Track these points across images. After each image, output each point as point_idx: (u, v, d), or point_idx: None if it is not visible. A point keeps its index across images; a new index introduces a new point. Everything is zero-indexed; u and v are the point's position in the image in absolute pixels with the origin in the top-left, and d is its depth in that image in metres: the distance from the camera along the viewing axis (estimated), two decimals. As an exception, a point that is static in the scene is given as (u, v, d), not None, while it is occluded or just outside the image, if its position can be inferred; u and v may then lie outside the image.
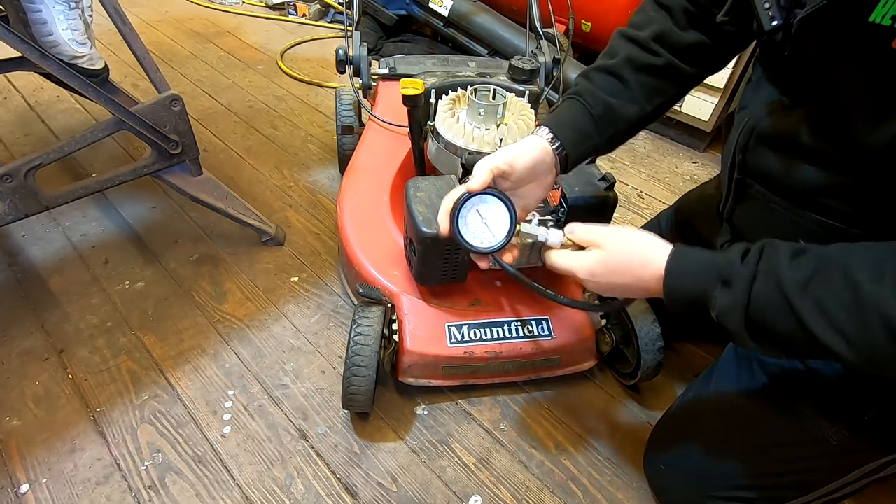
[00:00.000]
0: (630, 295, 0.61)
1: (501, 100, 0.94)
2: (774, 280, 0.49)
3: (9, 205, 0.89)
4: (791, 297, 0.48)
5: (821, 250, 0.49)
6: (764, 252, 0.52)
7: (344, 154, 1.34)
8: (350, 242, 0.98)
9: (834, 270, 0.47)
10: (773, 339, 0.51)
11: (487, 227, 0.64)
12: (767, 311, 0.49)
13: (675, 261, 0.56)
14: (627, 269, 0.58)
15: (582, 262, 0.60)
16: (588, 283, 0.60)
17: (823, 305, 0.46)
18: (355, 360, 0.80)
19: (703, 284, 0.53)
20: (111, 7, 0.88)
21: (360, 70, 1.18)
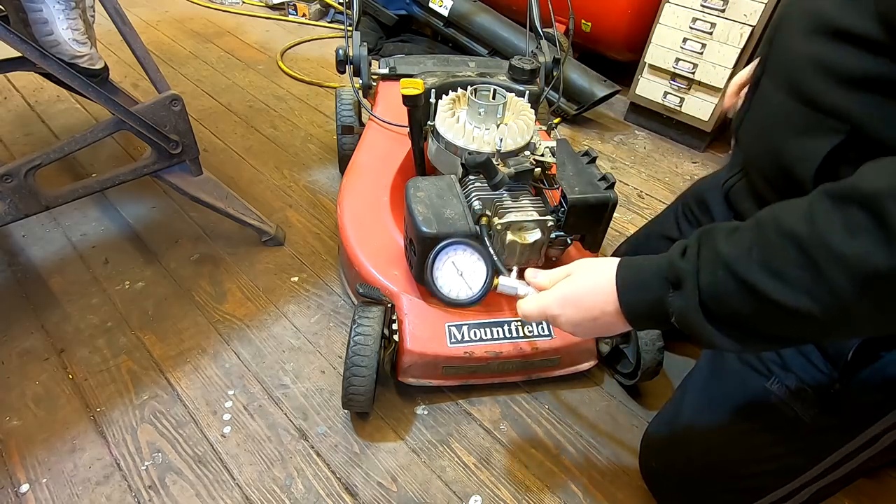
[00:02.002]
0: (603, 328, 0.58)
1: (501, 100, 0.95)
2: (719, 263, 0.48)
3: (9, 205, 0.89)
4: (740, 272, 0.46)
5: (752, 220, 0.48)
6: (701, 241, 0.51)
7: (344, 154, 1.34)
8: (350, 242, 0.98)
9: (769, 232, 0.46)
10: (742, 327, 0.48)
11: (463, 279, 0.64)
12: (723, 297, 0.48)
13: (622, 274, 0.55)
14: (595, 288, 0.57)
15: (552, 295, 0.60)
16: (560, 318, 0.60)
17: (774, 269, 0.44)
18: (355, 360, 0.80)
19: (654, 293, 0.53)
20: (111, 7, 0.88)
21: (360, 70, 1.18)
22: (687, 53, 1.61)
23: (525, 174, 0.88)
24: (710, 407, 0.76)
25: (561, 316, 0.59)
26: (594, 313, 0.57)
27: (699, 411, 0.77)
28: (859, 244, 0.40)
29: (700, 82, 1.63)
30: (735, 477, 0.72)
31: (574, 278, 0.60)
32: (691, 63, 1.62)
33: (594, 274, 0.58)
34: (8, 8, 1.13)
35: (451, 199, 0.84)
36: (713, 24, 1.53)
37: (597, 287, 0.57)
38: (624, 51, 1.92)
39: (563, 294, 0.59)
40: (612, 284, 0.55)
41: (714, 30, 1.54)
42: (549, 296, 0.61)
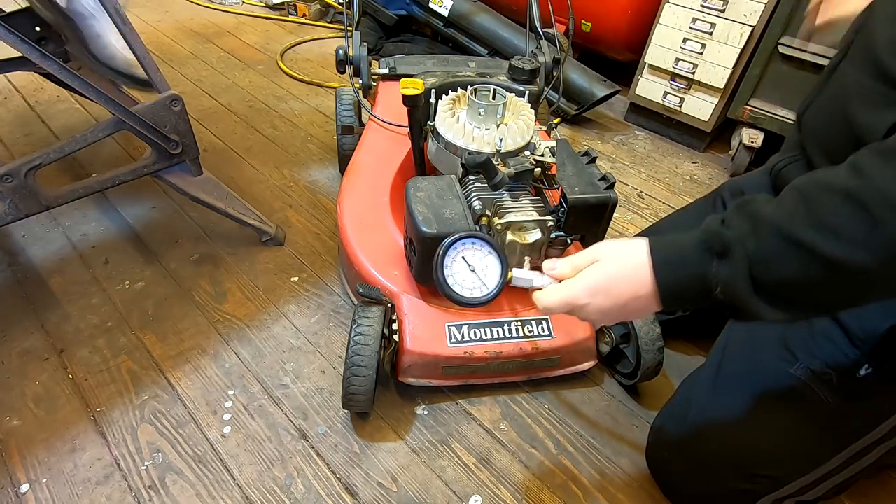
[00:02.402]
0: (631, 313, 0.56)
1: (501, 100, 0.95)
2: (767, 227, 0.47)
3: (9, 205, 0.89)
4: (790, 233, 0.46)
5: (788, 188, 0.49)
6: (740, 210, 0.50)
7: (344, 154, 1.34)
8: (350, 242, 0.98)
9: (814, 192, 0.46)
10: (788, 291, 0.48)
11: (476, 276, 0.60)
12: (772, 260, 0.47)
13: (657, 253, 0.53)
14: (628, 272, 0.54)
15: (579, 284, 0.57)
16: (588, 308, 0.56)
17: (825, 224, 0.44)
18: (355, 359, 0.80)
19: (695, 267, 0.51)
20: (111, 7, 0.88)
21: (360, 70, 1.18)
22: (687, 53, 1.61)
23: (525, 174, 0.88)
24: (727, 393, 0.75)
25: (589, 305, 0.56)
26: (626, 298, 0.54)
27: (714, 399, 0.76)
28: None
29: (700, 82, 1.63)
30: (752, 465, 0.72)
31: (603, 265, 0.56)
32: (691, 63, 1.62)
33: (625, 257, 0.55)
34: (64, 28, 1.16)
35: (451, 199, 0.84)
36: (713, 24, 1.53)
37: (629, 271, 0.54)
38: (624, 51, 1.92)
39: (594, 282, 0.56)
40: (645, 266, 0.53)
41: (714, 30, 1.54)
42: (576, 285, 0.57)
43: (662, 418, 0.83)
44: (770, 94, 1.56)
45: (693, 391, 0.81)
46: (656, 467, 0.84)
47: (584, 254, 0.58)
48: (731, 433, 0.73)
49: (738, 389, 0.75)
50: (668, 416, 0.83)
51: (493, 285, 0.59)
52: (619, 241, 0.57)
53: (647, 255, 0.53)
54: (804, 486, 0.71)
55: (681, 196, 1.57)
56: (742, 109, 1.59)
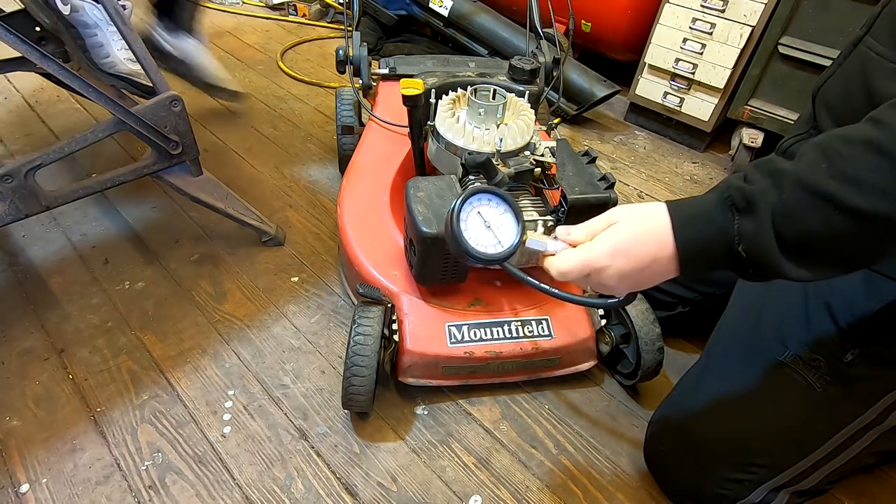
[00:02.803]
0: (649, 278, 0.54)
1: (501, 100, 0.94)
2: (790, 180, 0.47)
3: (9, 205, 0.89)
4: (813, 185, 0.45)
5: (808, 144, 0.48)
6: (759, 167, 0.50)
7: (344, 154, 1.34)
8: (350, 242, 0.98)
9: (836, 145, 0.46)
10: (812, 245, 0.47)
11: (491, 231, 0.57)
12: (797, 214, 0.46)
13: (677, 212, 0.52)
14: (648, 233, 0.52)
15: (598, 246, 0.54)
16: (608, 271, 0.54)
17: (850, 176, 0.44)
18: (355, 360, 0.80)
19: (717, 224, 0.50)
20: (111, 7, 0.88)
21: (360, 70, 1.18)
22: (687, 53, 1.61)
23: (525, 174, 0.88)
24: (720, 384, 0.76)
25: (609, 268, 0.53)
26: (646, 261, 0.53)
27: (707, 389, 0.77)
28: None
29: (700, 82, 1.63)
30: (746, 453, 0.72)
31: (622, 226, 0.54)
32: (691, 63, 1.62)
33: (644, 218, 0.53)
34: (66, 38, 1.19)
35: (451, 198, 0.84)
36: (713, 24, 1.53)
37: (650, 231, 0.52)
38: (624, 51, 1.92)
39: (613, 243, 0.54)
40: (666, 226, 0.52)
41: (714, 30, 1.54)
42: (595, 247, 0.54)
43: (659, 413, 0.84)
44: (770, 94, 1.56)
45: (688, 384, 0.82)
46: (653, 461, 0.84)
47: (600, 218, 0.56)
48: (724, 423, 0.74)
49: (730, 380, 0.76)
50: (665, 409, 0.83)
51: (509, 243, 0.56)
52: (635, 205, 0.56)
53: (667, 215, 0.52)
54: (798, 473, 0.71)
55: (681, 196, 1.57)
56: (742, 109, 1.59)
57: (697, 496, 0.78)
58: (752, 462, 0.72)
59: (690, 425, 0.77)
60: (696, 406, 0.78)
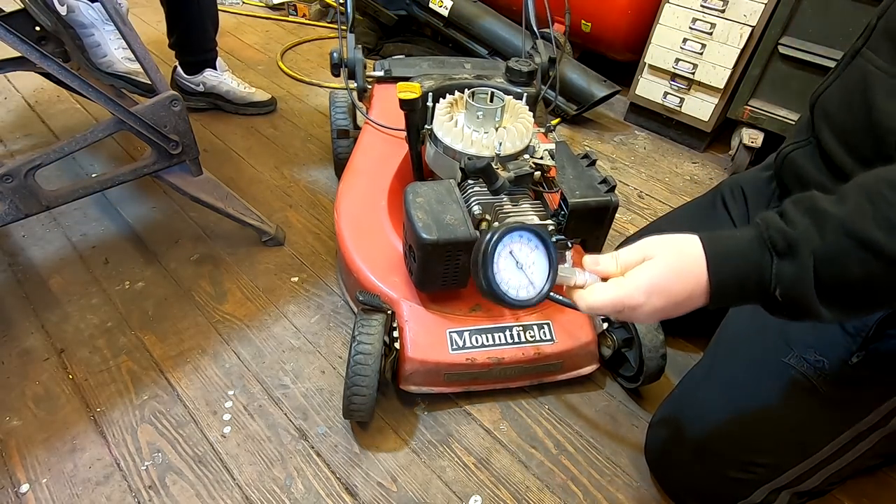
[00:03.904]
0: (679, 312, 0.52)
1: (500, 103, 0.94)
2: (832, 225, 0.45)
3: (9, 205, 0.89)
4: (857, 231, 0.44)
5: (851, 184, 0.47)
6: (798, 206, 0.48)
7: (339, 158, 1.33)
8: (348, 248, 0.97)
9: (883, 190, 0.45)
10: (849, 293, 0.46)
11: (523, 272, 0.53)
12: (838, 261, 0.45)
13: (711, 247, 0.50)
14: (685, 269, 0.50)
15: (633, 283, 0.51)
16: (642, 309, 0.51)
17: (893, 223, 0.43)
18: (356, 379, 0.79)
19: (753, 263, 0.48)
20: (111, 7, 0.88)
21: (356, 73, 1.16)
22: (687, 54, 1.61)
23: (525, 178, 0.88)
24: (725, 384, 0.76)
25: (644, 305, 0.51)
26: (682, 297, 0.51)
27: (711, 389, 0.77)
28: None
29: (700, 82, 1.63)
30: (748, 453, 0.72)
31: (659, 262, 0.51)
32: (691, 63, 1.62)
33: (680, 252, 0.51)
34: (65, 39, 1.21)
35: (450, 204, 0.84)
36: (713, 24, 1.53)
37: (687, 267, 0.50)
38: (624, 51, 1.92)
39: (649, 282, 0.51)
40: (701, 262, 0.50)
41: (714, 30, 1.54)
42: (630, 285, 0.52)
43: (662, 411, 0.84)
44: (770, 94, 1.56)
45: (690, 384, 0.82)
46: (655, 460, 0.84)
47: (633, 250, 0.53)
48: (726, 423, 0.74)
49: (733, 380, 0.76)
50: (667, 408, 0.83)
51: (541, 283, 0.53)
52: (667, 236, 0.53)
53: (702, 250, 0.50)
54: (800, 474, 0.71)
55: (681, 196, 1.57)
56: (742, 109, 1.59)
57: (699, 495, 0.78)
58: (753, 462, 0.72)
59: (692, 424, 0.77)
60: (698, 405, 0.78)
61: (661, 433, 0.82)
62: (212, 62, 1.60)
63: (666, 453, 0.82)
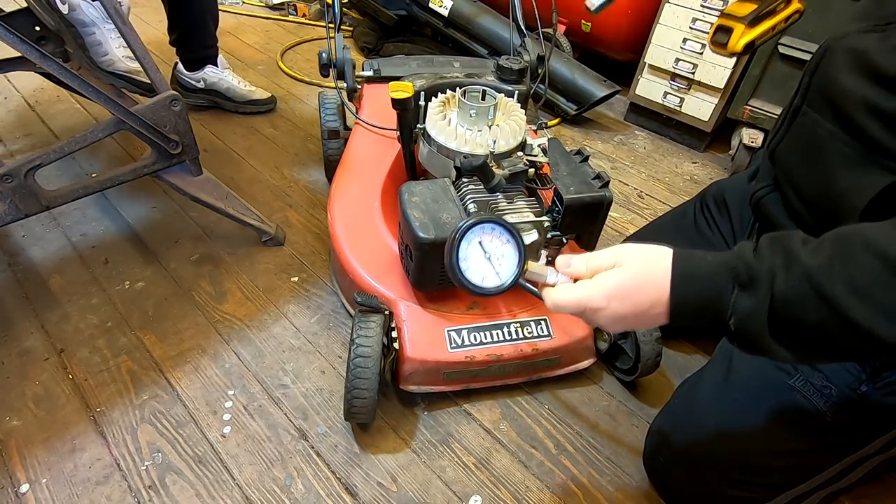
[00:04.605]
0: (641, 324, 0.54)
1: (492, 101, 0.94)
2: (799, 270, 0.45)
3: (9, 205, 0.89)
4: (820, 284, 0.44)
5: (830, 233, 0.47)
6: (774, 243, 0.48)
7: (330, 160, 1.32)
8: (343, 249, 0.97)
9: (855, 247, 0.44)
10: (801, 338, 0.47)
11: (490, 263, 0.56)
12: (794, 305, 0.45)
13: (680, 264, 0.51)
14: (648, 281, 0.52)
15: (598, 286, 0.53)
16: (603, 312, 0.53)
17: (856, 285, 0.43)
18: (356, 382, 0.79)
19: (715, 289, 0.49)
20: (111, 7, 0.88)
21: (345, 73, 1.15)
22: (687, 53, 1.61)
23: (519, 175, 0.88)
24: (728, 401, 0.75)
25: (605, 310, 0.53)
26: (643, 307, 0.52)
27: (715, 405, 0.76)
28: None
29: (700, 82, 1.63)
30: (749, 472, 0.72)
31: (626, 270, 0.53)
32: (691, 63, 1.62)
33: (649, 265, 0.52)
34: (67, 38, 1.22)
35: (446, 202, 0.84)
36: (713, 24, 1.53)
37: (652, 279, 0.51)
38: (624, 51, 1.92)
39: (614, 287, 0.52)
40: (667, 277, 0.51)
41: (714, 30, 1.54)
42: (594, 288, 0.53)
43: (661, 421, 0.83)
44: (770, 94, 1.56)
45: (695, 397, 0.80)
46: (654, 470, 0.84)
47: (604, 255, 0.55)
48: (726, 440, 0.73)
49: (735, 399, 0.75)
50: (667, 419, 0.83)
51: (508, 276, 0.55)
52: (642, 245, 0.54)
53: (670, 265, 0.51)
54: (798, 495, 0.71)
55: (681, 196, 1.57)
56: (742, 109, 1.59)
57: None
58: (752, 481, 0.72)
59: (691, 439, 0.76)
60: (697, 422, 0.77)
61: (659, 444, 0.82)
62: (213, 59, 1.60)
63: (663, 465, 0.81)
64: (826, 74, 0.69)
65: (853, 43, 0.65)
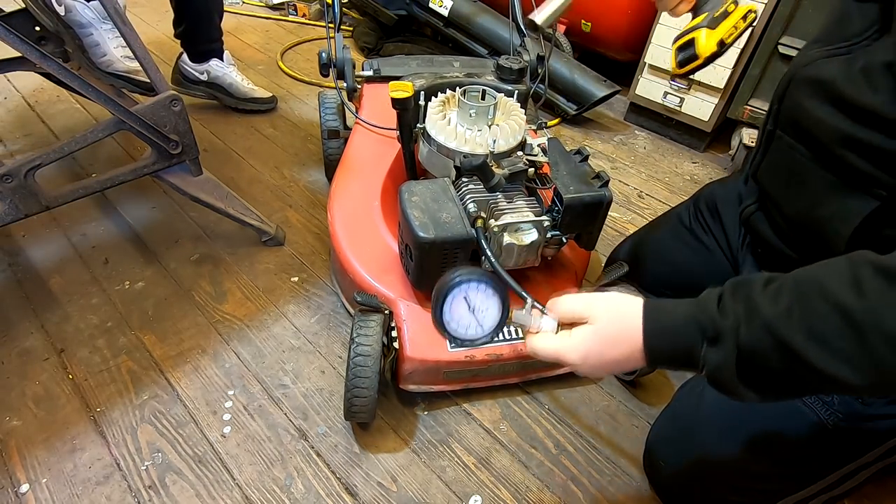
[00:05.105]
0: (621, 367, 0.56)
1: (492, 100, 0.94)
2: (759, 322, 0.47)
3: (9, 205, 0.89)
4: (782, 335, 0.45)
5: (787, 277, 0.48)
6: (737, 293, 0.50)
7: (329, 160, 1.32)
8: (343, 249, 0.97)
9: (812, 296, 0.45)
10: (772, 384, 0.48)
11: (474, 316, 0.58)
12: (760, 356, 0.47)
13: (650, 319, 0.53)
14: (621, 337, 0.54)
15: (572, 346, 0.55)
16: (578, 368, 0.56)
17: (817, 335, 0.44)
18: (356, 382, 0.79)
19: (686, 343, 0.51)
20: (111, 7, 0.88)
21: (345, 73, 1.15)
22: (687, 53, 1.61)
23: (519, 174, 0.88)
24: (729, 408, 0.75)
25: (582, 366, 0.56)
26: (620, 361, 0.55)
27: (716, 411, 0.76)
28: None
29: (700, 82, 1.63)
30: (749, 478, 0.72)
31: (599, 329, 0.55)
32: (691, 63, 1.61)
33: (622, 321, 0.54)
34: (66, 39, 1.22)
35: (446, 202, 0.84)
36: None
37: (625, 336, 0.54)
38: (624, 51, 1.92)
39: (588, 347, 0.55)
40: (639, 333, 0.53)
41: (714, 30, 1.53)
42: (570, 346, 0.56)
43: (661, 424, 0.83)
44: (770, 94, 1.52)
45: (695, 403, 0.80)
46: (652, 473, 0.84)
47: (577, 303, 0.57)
48: (727, 448, 0.73)
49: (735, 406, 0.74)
50: (667, 423, 0.83)
51: (489, 328, 0.59)
52: (615, 297, 0.56)
53: (641, 321, 0.53)
54: (798, 501, 0.71)
55: (680, 196, 1.57)
56: (742, 109, 1.59)
57: None
58: (752, 487, 0.72)
59: (691, 445, 0.76)
60: (697, 425, 0.77)
61: (658, 447, 0.82)
62: (219, 53, 1.60)
63: (663, 468, 0.81)
64: (795, 103, 0.68)
65: (818, 72, 0.64)
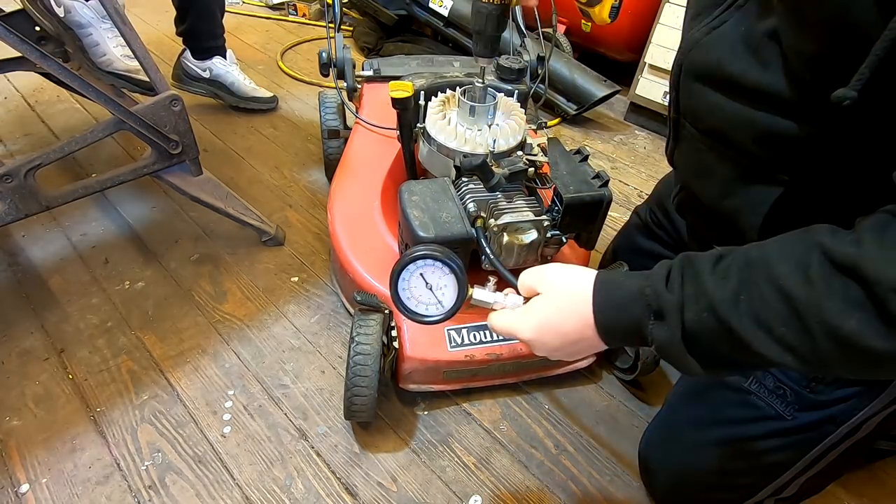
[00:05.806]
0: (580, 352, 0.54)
1: (492, 100, 0.94)
2: (704, 303, 0.46)
3: (9, 205, 0.89)
4: (725, 318, 0.45)
5: (739, 253, 0.47)
6: (685, 272, 0.48)
7: (330, 159, 1.32)
8: (343, 248, 0.97)
9: (759, 278, 0.44)
10: (722, 361, 0.48)
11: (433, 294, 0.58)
12: (706, 337, 0.46)
13: (599, 293, 0.51)
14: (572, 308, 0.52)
15: (525, 318, 0.54)
16: (535, 344, 0.54)
17: (762, 321, 0.43)
18: (356, 380, 0.79)
19: (634, 317, 0.50)
20: (111, 7, 0.88)
21: (345, 73, 1.15)
22: (687, 53, 1.61)
23: (519, 174, 0.88)
24: (697, 409, 0.78)
25: (537, 342, 0.54)
26: (574, 337, 0.52)
27: (688, 413, 0.79)
28: (857, 323, 0.39)
29: (700, 82, 1.63)
30: (727, 476, 0.73)
31: (550, 301, 0.53)
32: (691, 63, 1.61)
33: (572, 294, 0.52)
34: (67, 40, 1.23)
35: (446, 202, 0.84)
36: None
37: (576, 310, 0.52)
38: (624, 51, 1.92)
39: (539, 320, 0.53)
40: (589, 307, 0.51)
41: (714, 30, 1.54)
42: (522, 320, 0.55)
43: (649, 430, 0.85)
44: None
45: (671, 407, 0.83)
46: (645, 476, 0.85)
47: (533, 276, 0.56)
48: (704, 451, 0.75)
49: (702, 408, 0.77)
50: (655, 427, 0.85)
51: (448, 306, 0.58)
52: (569, 268, 0.54)
53: (591, 294, 0.51)
54: (778, 487, 0.72)
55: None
56: (742, 109, 1.58)
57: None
58: (733, 484, 0.74)
59: (673, 451, 0.79)
60: (675, 432, 0.79)
61: (648, 452, 0.84)
62: (221, 50, 1.61)
63: (654, 472, 0.83)
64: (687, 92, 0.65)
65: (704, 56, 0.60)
